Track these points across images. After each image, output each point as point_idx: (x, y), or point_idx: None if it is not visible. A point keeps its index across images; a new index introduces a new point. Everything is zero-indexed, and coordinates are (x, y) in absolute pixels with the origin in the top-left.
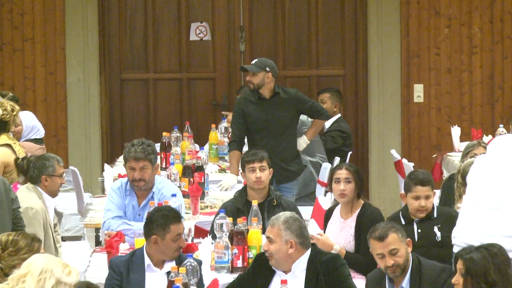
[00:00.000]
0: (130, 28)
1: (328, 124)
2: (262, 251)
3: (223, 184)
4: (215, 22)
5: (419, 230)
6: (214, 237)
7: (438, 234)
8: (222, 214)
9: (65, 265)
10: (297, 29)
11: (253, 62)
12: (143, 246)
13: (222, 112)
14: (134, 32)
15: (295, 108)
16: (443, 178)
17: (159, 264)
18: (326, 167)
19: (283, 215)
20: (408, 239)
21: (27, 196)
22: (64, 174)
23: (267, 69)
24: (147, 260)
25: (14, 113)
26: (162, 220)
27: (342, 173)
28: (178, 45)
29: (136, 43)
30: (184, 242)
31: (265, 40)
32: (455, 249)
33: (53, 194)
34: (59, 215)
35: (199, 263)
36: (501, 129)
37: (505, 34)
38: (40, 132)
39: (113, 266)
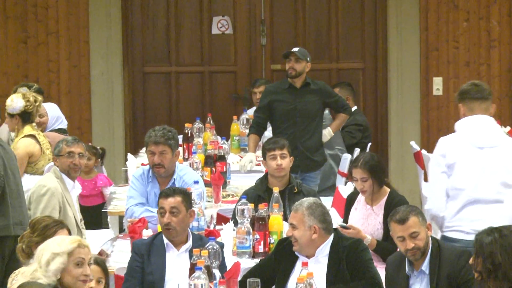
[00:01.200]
0: (153, 22)
1: None
2: (285, 236)
3: (243, 161)
4: (236, 16)
5: None
6: (235, 223)
7: None
8: (243, 200)
9: (62, 239)
10: (317, 22)
11: (296, 50)
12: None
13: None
14: (156, 25)
15: (322, 100)
16: None
17: (176, 245)
18: (346, 157)
19: (306, 200)
20: (429, 222)
21: (45, 176)
22: (81, 155)
23: (308, 59)
24: (165, 240)
25: (37, 104)
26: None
27: (357, 173)
28: (199, 38)
29: (159, 37)
30: (166, 219)
31: (286, 34)
32: (458, 235)
33: (68, 174)
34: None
35: (221, 246)
36: None
37: None
38: (64, 123)
39: (135, 249)
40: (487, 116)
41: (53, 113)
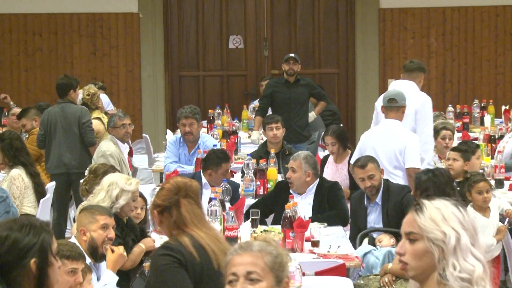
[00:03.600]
0: (186, 39)
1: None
2: (283, 179)
3: (254, 137)
4: (246, 35)
5: None
6: (243, 174)
7: None
8: (248, 157)
9: (128, 178)
10: (305, 40)
11: (294, 55)
12: (200, 170)
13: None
14: (189, 41)
15: (308, 91)
16: None
17: (212, 186)
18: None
19: (303, 153)
20: (382, 168)
21: (106, 143)
22: (130, 125)
23: (299, 62)
24: (204, 180)
25: (89, 96)
26: (216, 160)
27: (328, 139)
28: (220, 51)
29: (190, 49)
30: (230, 175)
31: (282, 48)
32: None
33: (122, 140)
34: (135, 169)
35: (237, 186)
36: (450, 108)
37: (454, 44)
38: (111, 106)
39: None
40: (411, 82)
41: (105, 99)
